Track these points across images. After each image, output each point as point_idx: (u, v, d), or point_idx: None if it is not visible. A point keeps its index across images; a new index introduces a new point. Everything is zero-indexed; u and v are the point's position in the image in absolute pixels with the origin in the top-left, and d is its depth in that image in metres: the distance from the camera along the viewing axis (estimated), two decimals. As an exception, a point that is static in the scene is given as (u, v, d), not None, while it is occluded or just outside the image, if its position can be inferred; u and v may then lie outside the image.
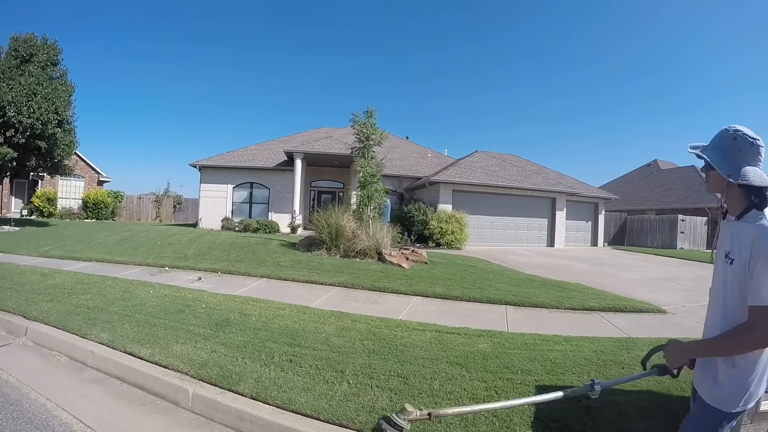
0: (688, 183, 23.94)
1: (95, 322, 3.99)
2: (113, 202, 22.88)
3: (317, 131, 23.08)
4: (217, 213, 17.60)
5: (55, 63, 13.27)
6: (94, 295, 4.99)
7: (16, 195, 22.37)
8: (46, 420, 2.52)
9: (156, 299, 4.91)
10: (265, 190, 18.24)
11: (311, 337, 3.72)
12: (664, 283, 7.91)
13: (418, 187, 16.81)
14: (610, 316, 5.09)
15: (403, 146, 23.30)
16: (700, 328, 2.82)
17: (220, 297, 5.13)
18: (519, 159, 20.79)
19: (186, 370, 2.99)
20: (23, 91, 11.69)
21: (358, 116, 9.80)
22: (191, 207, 25.56)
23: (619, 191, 24.27)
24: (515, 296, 5.73)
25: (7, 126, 11.72)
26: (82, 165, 24.09)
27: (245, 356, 3.24)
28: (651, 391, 2.76)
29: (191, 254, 8.55)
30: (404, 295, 5.84)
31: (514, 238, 15.76)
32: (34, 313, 4.25)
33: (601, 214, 18.60)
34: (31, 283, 5.57)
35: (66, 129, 13.45)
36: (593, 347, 3.69)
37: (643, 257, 13.87)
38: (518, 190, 15.60)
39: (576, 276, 8.17)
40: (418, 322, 4.38)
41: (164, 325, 3.92)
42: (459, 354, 3.40)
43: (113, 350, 3.39)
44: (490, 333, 4.08)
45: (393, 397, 2.64)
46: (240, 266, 7.29)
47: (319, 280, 6.40)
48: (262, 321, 4.18)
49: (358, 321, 4.33)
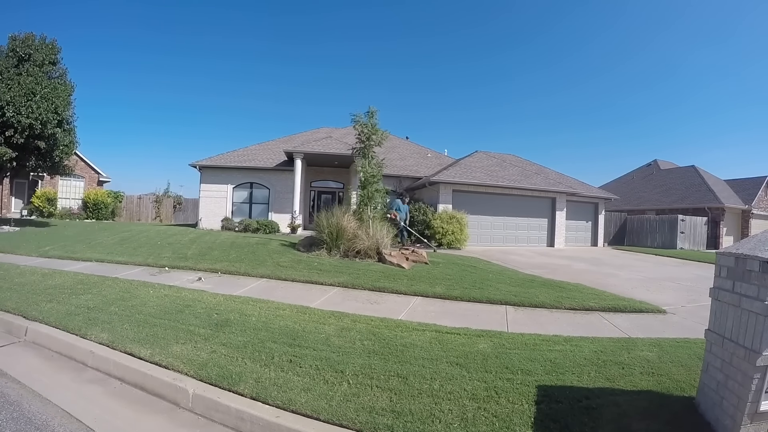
0: (688, 183, 23.94)
1: (95, 322, 3.98)
2: (113, 202, 22.86)
3: (317, 131, 23.06)
4: (217, 213, 17.59)
5: (54, 62, 13.22)
6: (94, 296, 4.99)
7: (16, 195, 22.36)
8: (45, 420, 2.52)
9: (156, 299, 4.91)
10: (265, 190, 18.23)
11: (311, 338, 3.72)
12: (664, 283, 7.91)
13: (418, 187, 16.80)
14: (610, 316, 5.09)
15: (402, 146, 23.28)
16: (700, 329, 2.83)
17: (220, 297, 5.12)
18: (519, 159, 20.78)
19: (186, 370, 2.99)
20: (22, 90, 11.66)
21: (360, 116, 9.79)
22: (191, 207, 25.53)
23: (619, 191, 24.26)
24: (515, 296, 5.73)
25: (6, 126, 11.69)
26: (82, 165, 24.08)
27: (245, 356, 3.24)
28: (651, 391, 2.77)
29: (191, 254, 8.55)
30: (404, 295, 5.84)
31: (514, 238, 15.76)
32: (34, 313, 4.25)
33: (601, 214, 18.59)
34: (31, 283, 5.57)
35: (66, 129, 13.41)
36: (593, 347, 3.69)
37: (643, 257, 13.87)
38: (518, 190, 15.59)
39: (576, 276, 8.17)
40: (418, 323, 4.38)
41: (164, 326, 3.91)
42: (459, 354, 3.40)
43: (113, 350, 3.39)
44: (490, 333, 4.08)
45: (393, 397, 2.64)
46: (240, 266, 7.29)
47: (319, 280, 6.39)
48: (262, 321, 4.18)
49: (358, 321, 4.33)
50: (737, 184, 24.15)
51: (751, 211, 21.94)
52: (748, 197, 22.37)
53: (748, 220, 22.09)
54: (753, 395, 2.03)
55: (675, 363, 3.32)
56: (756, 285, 2.04)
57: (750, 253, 2.11)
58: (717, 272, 2.40)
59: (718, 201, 20.61)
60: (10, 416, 2.52)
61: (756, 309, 2.02)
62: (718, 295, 2.36)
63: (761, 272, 2.01)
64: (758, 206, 22.42)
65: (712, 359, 2.38)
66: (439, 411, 2.47)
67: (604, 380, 2.95)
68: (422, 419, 2.38)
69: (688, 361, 3.36)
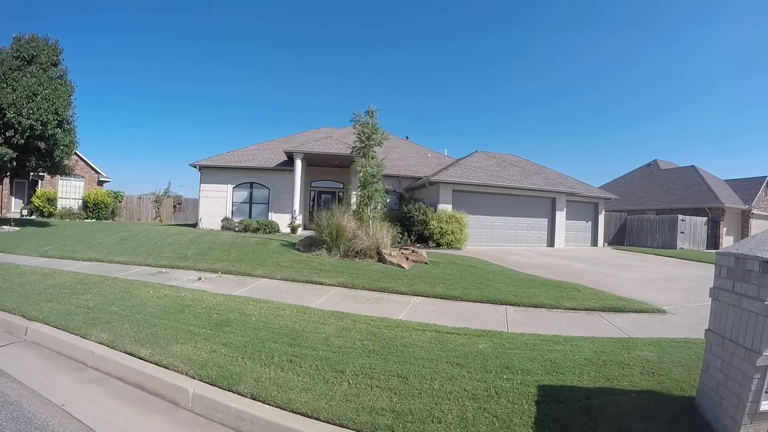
0: (688, 183, 23.94)
1: (95, 322, 3.99)
2: (113, 202, 22.86)
3: (317, 131, 23.07)
4: (217, 213, 17.59)
5: (55, 63, 13.24)
6: (94, 295, 4.99)
7: (16, 195, 22.36)
8: (45, 420, 2.52)
9: (156, 299, 4.91)
10: (265, 190, 18.24)
11: (311, 337, 3.72)
12: (664, 283, 7.91)
13: (418, 187, 16.80)
14: (610, 316, 5.09)
15: (403, 146, 23.28)
16: (700, 329, 2.83)
17: (220, 297, 5.13)
18: (519, 159, 20.78)
19: (186, 370, 2.99)
20: (24, 92, 11.68)
21: (360, 116, 9.79)
22: (191, 207, 25.54)
23: (619, 191, 24.26)
24: (515, 296, 5.73)
25: (6, 127, 11.71)
26: (82, 165, 24.08)
27: (245, 356, 3.24)
28: (651, 391, 2.77)
29: (191, 254, 8.55)
30: (404, 295, 5.84)
31: (514, 238, 15.76)
32: (34, 313, 4.25)
33: (601, 214, 18.59)
34: (32, 283, 5.57)
35: (66, 129, 13.42)
36: (593, 347, 3.69)
37: (643, 257, 13.87)
38: (518, 190, 15.60)
39: (576, 276, 8.17)
40: (418, 323, 4.38)
41: (164, 325, 3.92)
42: (459, 354, 3.40)
43: (113, 350, 3.39)
44: (490, 333, 4.08)
45: (393, 397, 2.64)
46: (240, 266, 7.29)
47: (319, 280, 6.39)
48: (262, 321, 4.18)
49: (358, 321, 4.33)
50: (737, 184, 24.15)
51: (751, 211, 21.94)
52: (748, 197, 22.37)
53: (748, 220, 22.10)
54: (753, 395, 2.03)
55: (675, 363, 3.32)
56: (756, 285, 2.04)
57: (750, 253, 2.11)
58: (717, 272, 2.40)
59: (718, 201, 20.61)
60: (10, 416, 2.52)
61: (756, 309, 2.02)
62: (718, 295, 2.37)
63: (761, 272, 2.01)
64: (758, 206, 22.42)
65: (712, 359, 2.38)
66: (439, 411, 2.47)
67: (604, 380, 2.95)
68: (422, 419, 2.38)
69: (688, 361, 3.36)
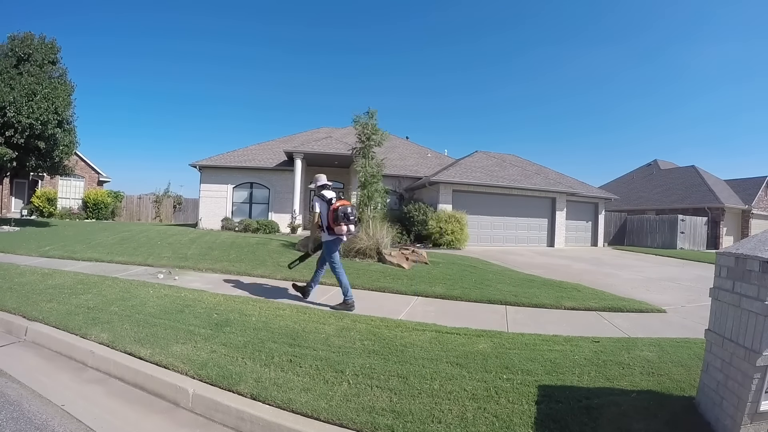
0: (688, 183, 23.95)
1: (95, 322, 3.98)
2: (113, 202, 22.86)
3: (317, 131, 23.07)
4: (217, 213, 17.60)
5: (53, 62, 13.20)
6: (94, 295, 4.99)
7: (16, 195, 22.36)
8: (45, 420, 2.51)
9: (156, 299, 4.90)
10: (265, 190, 18.24)
11: (311, 338, 3.72)
12: (664, 283, 7.91)
13: (418, 187, 16.81)
14: (610, 316, 5.08)
15: (402, 146, 23.28)
16: (700, 329, 2.83)
17: (220, 297, 5.12)
18: (519, 159, 20.78)
19: (186, 370, 2.99)
20: (23, 91, 11.66)
21: (360, 116, 9.80)
22: (191, 207, 25.54)
23: (619, 191, 24.26)
24: (515, 296, 5.73)
25: (6, 126, 11.69)
26: (82, 165, 24.08)
27: (245, 356, 3.24)
28: (651, 391, 2.77)
29: (191, 254, 8.55)
30: (404, 295, 5.84)
31: (514, 238, 15.76)
32: (34, 313, 4.24)
33: (601, 214, 18.60)
34: (31, 283, 5.56)
35: (66, 129, 13.40)
36: (593, 347, 3.69)
37: (643, 257, 13.87)
38: (518, 190, 15.60)
39: (576, 276, 8.17)
40: (418, 323, 4.37)
41: (164, 325, 3.91)
42: (459, 354, 3.40)
43: (113, 350, 3.38)
44: (490, 333, 4.08)
45: (393, 397, 2.64)
46: (240, 266, 7.29)
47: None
48: (262, 321, 4.17)
49: (358, 321, 4.33)
50: (737, 184, 24.16)
51: (751, 211, 21.95)
52: (748, 197, 22.37)
53: (748, 220, 22.10)
54: (753, 395, 2.03)
55: (675, 363, 3.31)
56: (756, 285, 2.04)
57: (750, 253, 2.11)
58: (717, 272, 2.40)
59: (718, 201, 20.61)
60: (10, 416, 2.52)
61: (756, 309, 2.02)
62: (718, 295, 2.36)
63: (761, 272, 2.01)
64: (758, 206, 22.42)
65: (712, 359, 2.38)
66: (439, 411, 2.47)
67: (604, 380, 2.95)
68: (422, 419, 2.38)
69: (688, 361, 3.36)
